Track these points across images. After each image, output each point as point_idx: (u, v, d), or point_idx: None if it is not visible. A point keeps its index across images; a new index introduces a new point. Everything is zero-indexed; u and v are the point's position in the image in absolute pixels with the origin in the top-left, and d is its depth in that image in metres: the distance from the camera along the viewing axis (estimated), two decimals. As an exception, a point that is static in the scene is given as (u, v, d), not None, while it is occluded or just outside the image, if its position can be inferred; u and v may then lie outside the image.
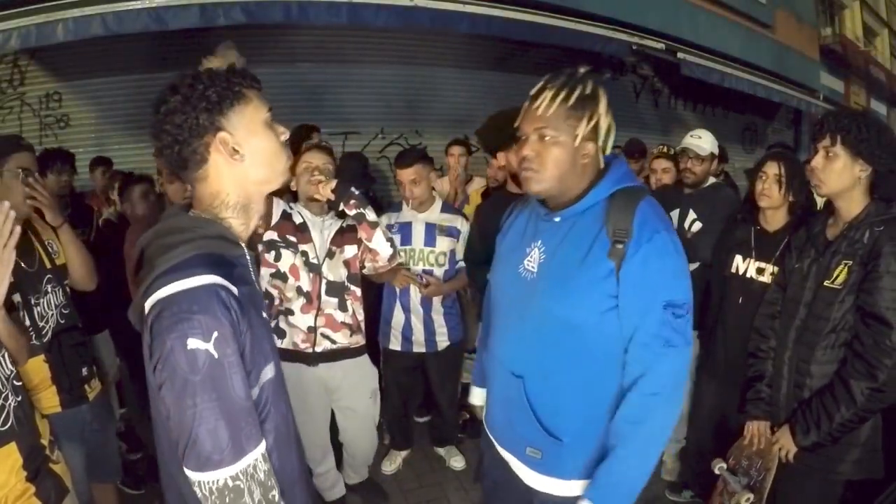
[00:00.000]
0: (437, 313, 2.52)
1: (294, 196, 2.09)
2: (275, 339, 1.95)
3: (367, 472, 2.49)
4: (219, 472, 0.81)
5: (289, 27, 4.26)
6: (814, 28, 9.11)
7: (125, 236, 2.38)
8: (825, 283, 1.53)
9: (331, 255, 2.00)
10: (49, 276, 1.63)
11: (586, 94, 1.12)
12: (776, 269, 1.90)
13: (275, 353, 1.00)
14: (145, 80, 4.37)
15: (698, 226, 2.44)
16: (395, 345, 2.56)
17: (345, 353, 2.06)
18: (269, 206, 1.46)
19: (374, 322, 2.55)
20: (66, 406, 1.63)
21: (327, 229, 2.02)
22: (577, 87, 1.12)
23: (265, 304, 1.04)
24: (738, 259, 2.04)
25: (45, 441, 1.26)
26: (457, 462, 2.77)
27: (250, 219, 0.95)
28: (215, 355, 0.79)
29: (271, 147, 0.92)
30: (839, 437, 1.50)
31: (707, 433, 2.21)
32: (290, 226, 1.97)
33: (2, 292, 1.08)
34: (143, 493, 2.51)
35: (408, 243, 2.46)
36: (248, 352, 0.86)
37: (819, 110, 7.92)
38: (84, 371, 1.71)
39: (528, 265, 1.22)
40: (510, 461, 1.30)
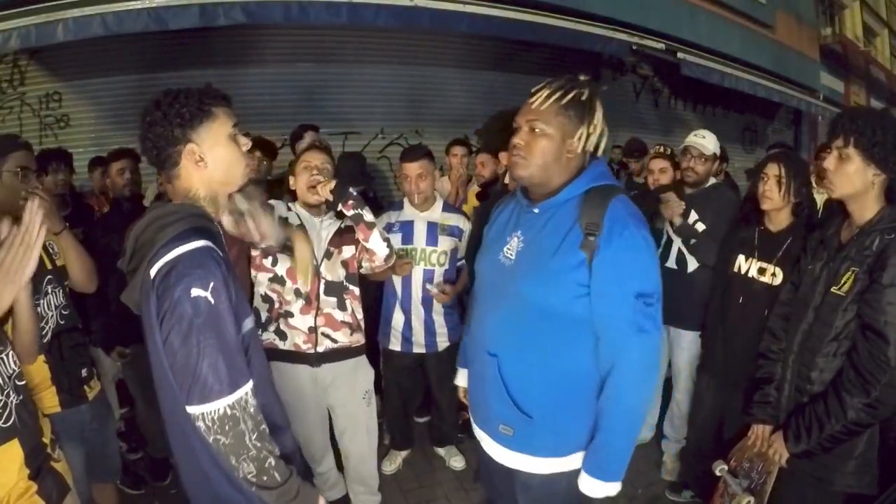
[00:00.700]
0: (438, 314, 2.52)
1: (293, 196, 2.09)
2: (275, 339, 1.98)
3: (376, 483, 2.33)
4: (218, 402, 0.97)
5: (289, 27, 4.25)
6: (814, 28, 9.09)
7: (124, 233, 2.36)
8: (833, 289, 1.49)
9: (329, 255, 2.00)
10: (49, 276, 1.63)
11: (582, 100, 1.22)
12: (777, 270, 1.90)
13: (251, 310, 1.20)
14: (145, 80, 4.37)
15: (701, 226, 2.43)
16: (395, 345, 2.56)
17: (346, 353, 2.06)
18: (263, 226, 1.49)
19: (373, 322, 2.55)
20: (65, 406, 1.63)
21: (326, 230, 2.03)
22: (572, 90, 1.21)
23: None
24: (741, 258, 2.03)
25: (46, 440, 1.26)
26: (457, 462, 2.77)
27: (218, 207, 1.15)
28: (212, 301, 0.97)
29: (231, 156, 1.12)
30: (830, 448, 1.47)
31: (707, 433, 2.21)
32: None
33: (22, 288, 1.10)
34: (143, 493, 2.52)
35: (409, 242, 2.46)
36: (234, 302, 1.04)
37: (819, 110, 7.92)
38: (84, 372, 1.71)
39: (507, 252, 1.32)
40: (483, 439, 1.41)
